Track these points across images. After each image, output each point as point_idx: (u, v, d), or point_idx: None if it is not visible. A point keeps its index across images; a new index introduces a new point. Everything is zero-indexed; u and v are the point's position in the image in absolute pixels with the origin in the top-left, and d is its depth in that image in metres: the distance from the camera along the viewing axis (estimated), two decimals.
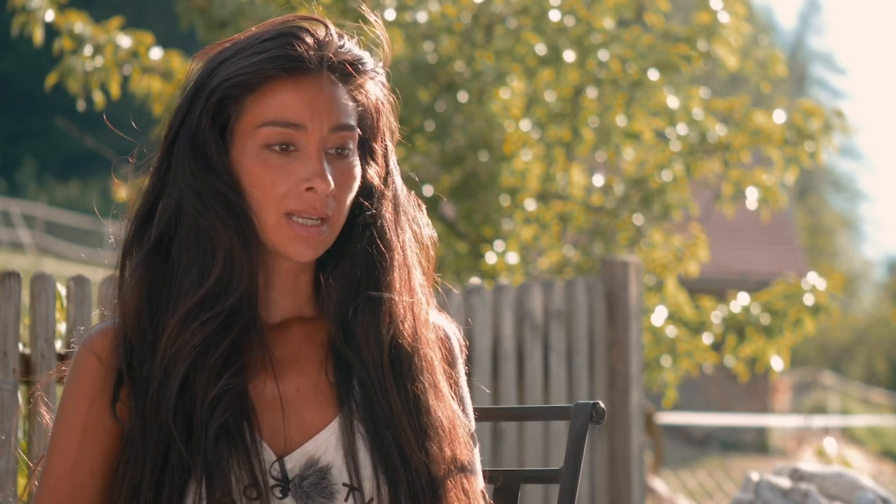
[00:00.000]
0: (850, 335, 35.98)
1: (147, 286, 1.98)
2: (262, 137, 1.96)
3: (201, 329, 1.95)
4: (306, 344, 2.04)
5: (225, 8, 6.89)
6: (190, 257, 1.97)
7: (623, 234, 7.12)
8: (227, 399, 1.95)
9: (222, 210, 1.97)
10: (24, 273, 3.58)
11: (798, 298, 6.74)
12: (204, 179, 1.97)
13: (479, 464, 2.13)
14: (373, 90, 2.04)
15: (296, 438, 1.98)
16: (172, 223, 1.99)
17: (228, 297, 1.96)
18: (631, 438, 5.34)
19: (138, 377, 1.97)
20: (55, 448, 2.00)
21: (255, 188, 1.97)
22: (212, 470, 1.92)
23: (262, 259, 2.01)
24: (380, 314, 2.02)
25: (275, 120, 1.96)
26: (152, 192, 2.01)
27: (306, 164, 1.96)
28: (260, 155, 1.97)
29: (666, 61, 6.84)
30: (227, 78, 1.97)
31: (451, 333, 2.13)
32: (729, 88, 30.91)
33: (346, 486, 1.97)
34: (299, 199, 1.96)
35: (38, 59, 15.58)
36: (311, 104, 1.97)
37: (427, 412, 2.01)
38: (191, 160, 1.98)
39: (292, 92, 1.96)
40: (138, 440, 1.95)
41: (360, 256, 2.03)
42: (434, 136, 6.89)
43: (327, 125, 1.97)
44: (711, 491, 15.91)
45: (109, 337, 2.01)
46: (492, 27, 6.96)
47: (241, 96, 1.97)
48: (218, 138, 1.98)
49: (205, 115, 1.98)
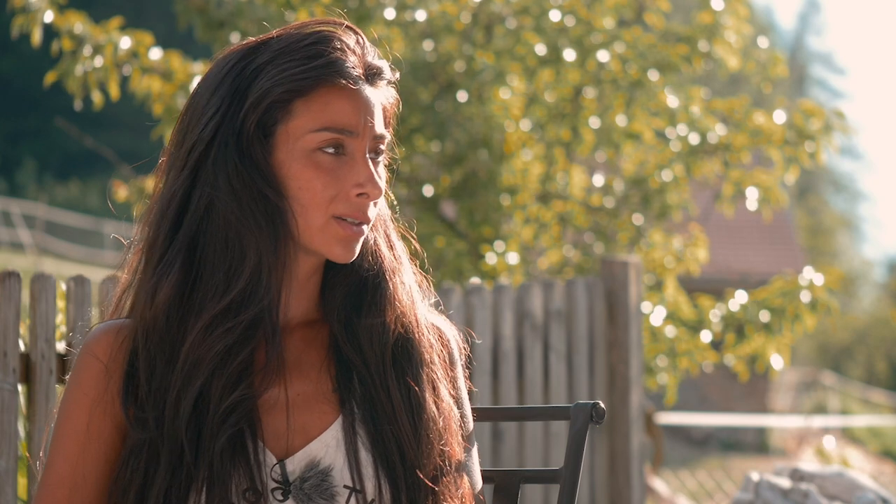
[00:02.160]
0: (850, 335, 35.98)
1: (176, 288, 1.97)
2: (314, 141, 1.98)
3: (224, 337, 1.95)
4: (308, 347, 2.04)
5: (223, 8, 6.89)
6: (217, 261, 1.97)
7: (623, 234, 7.12)
8: (240, 410, 1.95)
9: (260, 214, 1.97)
10: (24, 273, 3.57)
11: (796, 295, 6.74)
12: (247, 180, 1.97)
13: (476, 464, 2.13)
14: (393, 98, 2.07)
15: (297, 441, 1.98)
16: (202, 226, 1.98)
17: (254, 305, 1.96)
18: (631, 438, 5.34)
19: (151, 381, 1.96)
20: (56, 450, 1.99)
21: (303, 191, 1.98)
22: (215, 478, 1.92)
23: (291, 262, 2.02)
24: (382, 312, 2.04)
25: (330, 126, 1.98)
26: (181, 195, 2.00)
27: (355, 170, 1.99)
28: (311, 158, 1.98)
29: (666, 61, 6.84)
30: (277, 83, 1.98)
31: (451, 336, 2.14)
32: (729, 89, 30.92)
33: (348, 487, 1.97)
34: (348, 204, 1.98)
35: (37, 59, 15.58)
36: (361, 111, 1.99)
37: (426, 411, 2.02)
38: (237, 161, 1.98)
39: (345, 98, 1.99)
40: (153, 447, 1.94)
41: (364, 257, 2.05)
42: (434, 135, 6.88)
43: (372, 132, 2.01)
44: (711, 491, 15.91)
45: (112, 338, 2.00)
46: (491, 27, 6.96)
47: (290, 100, 1.98)
48: (262, 140, 1.99)
49: (251, 117, 1.98)
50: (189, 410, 1.94)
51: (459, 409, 2.10)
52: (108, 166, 30.59)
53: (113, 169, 27.42)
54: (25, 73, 35.29)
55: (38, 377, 3.56)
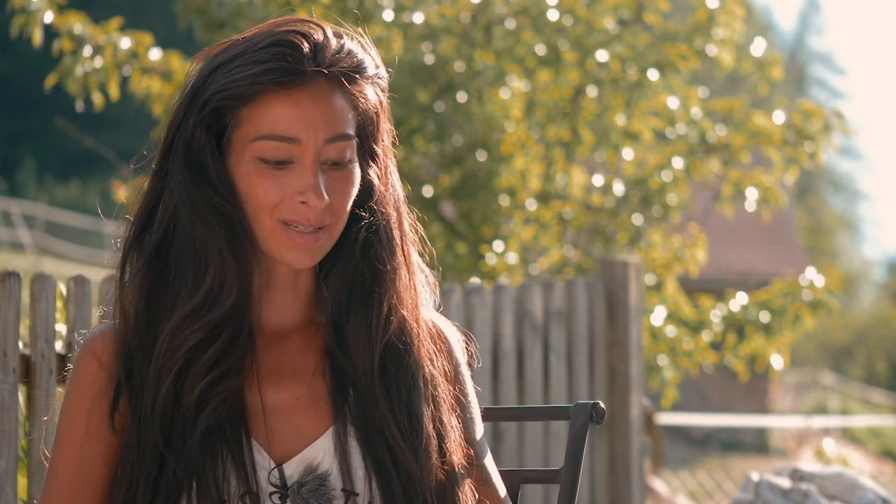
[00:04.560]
0: (850, 335, 35.97)
1: (146, 292, 1.98)
2: (256, 150, 1.95)
3: (191, 337, 1.95)
4: (304, 351, 2.03)
5: (223, 8, 6.89)
6: (185, 264, 1.97)
7: (623, 234, 7.12)
8: (213, 403, 1.95)
9: (214, 220, 1.95)
10: (24, 273, 3.58)
11: (797, 295, 6.75)
12: (197, 189, 1.96)
13: (494, 469, 2.12)
14: (372, 94, 2.01)
15: (294, 446, 1.98)
16: (170, 229, 1.98)
17: (218, 306, 1.96)
18: (631, 439, 5.34)
19: (136, 384, 1.97)
20: (57, 456, 2.00)
21: (248, 196, 1.96)
22: (198, 475, 1.92)
23: (259, 264, 2.01)
24: (372, 317, 2.01)
25: (269, 134, 1.94)
26: (151, 196, 2.00)
27: (300, 177, 1.95)
28: (255, 165, 1.95)
29: (665, 61, 6.83)
30: (220, 89, 1.95)
31: (452, 335, 2.12)
32: (728, 89, 30.91)
33: (344, 491, 1.97)
34: (293, 211, 1.95)
35: (37, 59, 15.58)
36: (306, 117, 1.95)
37: (419, 417, 2.00)
38: (185, 169, 1.96)
39: (287, 105, 1.94)
40: (134, 448, 1.95)
41: (357, 258, 2.02)
42: (433, 136, 6.88)
43: (322, 137, 1.96)
44: (711, 491, 15.92)
45: (109, 339, 2.00)
46: (491, 27, 6.96)
47: (236, 107, 1.96)
48: (213, 147, 1.97)
49: (199, 125, 1.96)
50: (163, 411, 1.94)
51: (467, 413, 2.09)
52: (108, 166, 30.59)
53: (113, 169, 27.42)
54: (25, 73, 35.28)
55: (38, 377, 3.56)
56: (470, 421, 2.09)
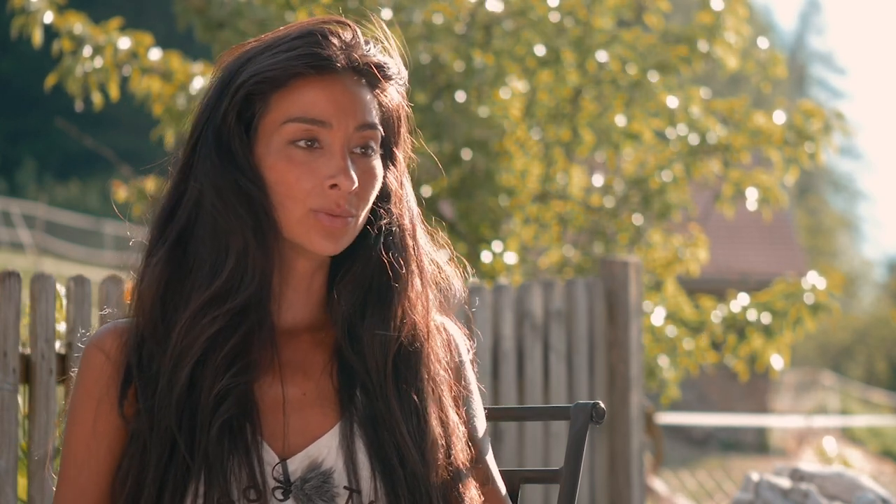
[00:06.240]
0: (850, 335, 35.99)
1: (164, 282, 1.98)
2: (287, 134, 1.97)
3: (211, 325, 1.95)
4: (314, 349, 2.04)
5: (223, 8, 6.89)
6: (205, 253, 1.98)
7: (623, 234, 7.12)
8: (233, 397, 1.95)
9: (241, 206, 1.97)
10: (24, 273, 3.58)
11: (798, 298, 6.75)
12: (226, 174, 1.97)
13: (494, 467, 2.12)
14: (395, 96, 2.05)
15: (299, 442, 1.98)
16: (192, 219, 1.99)
17: (239, 294, 1.96)
18: (631, 439, 5.34)
19: (147, 373, 1.97)
20: (67, 451, 2.01)
21: (279, 184, 1.97)
22: (211, 468, 1.93)
23: (279, 258, 2.01)
24: (387, 320, 2.02)
25: (301, 116, 1.97)
26: (176, 191, 2.02)
27: (331, 162, 1.97)
28: (285, 151, 1.97)
29: (666, 62, 6.83)
30: (253, 74, 1.98)
31: (458, 337, 2.13)
32: (729, 89, 30.91)
33: (347, 489, 1.97)
34: (323, 197, 1.96)
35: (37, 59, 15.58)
36: (337, 102, 1.98)
37: (427, 419, 2.01)
38: (214, 155, 1.98)
39: (319, 89, 1.97)
40: (145, 436, 1.95)
41: (373, 261, 2.03)
42: (432, 136, 6.88)
43: (353, 123, 1.98)
44: (711, 491, 15.92)
45: (118, 334, 2.01)
46: (490, 27, 6.95)
47: (267, 93, 1.98)
48: (243, 134, 1.99)
49: (230, 111, 1.98)
50: (179, 399, 1.94)
51: (471, 412, 2.10)
52: (108, 166, 30.60)
53: (113, 169, 27.42)
54: (25, 73, 35.29)
55: (38, 377, 3.56)
56: (473, 418, 2.10)
